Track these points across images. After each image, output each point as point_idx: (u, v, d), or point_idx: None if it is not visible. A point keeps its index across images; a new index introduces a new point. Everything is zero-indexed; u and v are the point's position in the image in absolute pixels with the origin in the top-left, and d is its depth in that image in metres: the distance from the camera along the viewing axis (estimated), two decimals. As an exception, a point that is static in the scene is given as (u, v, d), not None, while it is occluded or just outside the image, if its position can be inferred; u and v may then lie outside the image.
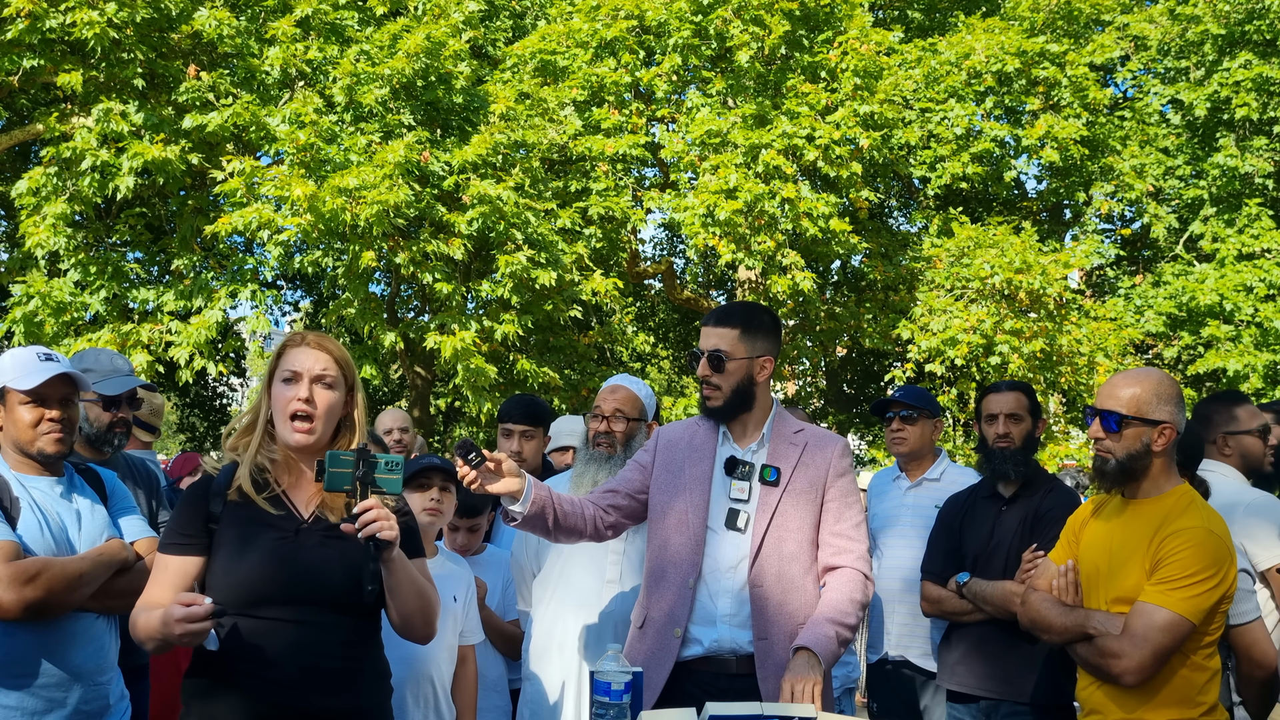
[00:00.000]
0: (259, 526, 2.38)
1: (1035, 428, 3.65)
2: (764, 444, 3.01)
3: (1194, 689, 2.70)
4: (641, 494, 3.08)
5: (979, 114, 13.39)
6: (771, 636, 2.86)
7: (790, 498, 2.94)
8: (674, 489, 3.01)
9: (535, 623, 3.55)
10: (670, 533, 2.98)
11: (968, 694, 3.58)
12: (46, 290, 10.04)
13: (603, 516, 3.02)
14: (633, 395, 3.61)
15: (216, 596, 2.23)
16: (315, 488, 2.43)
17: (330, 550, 2.38)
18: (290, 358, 2.46)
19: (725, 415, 3.02)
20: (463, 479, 2.72)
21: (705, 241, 11.97)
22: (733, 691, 2.80)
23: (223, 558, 2.36)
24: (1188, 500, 2.77)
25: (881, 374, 17.39)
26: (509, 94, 11.90)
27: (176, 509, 2.48)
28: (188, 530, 2.40)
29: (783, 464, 2.97)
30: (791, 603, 2.89)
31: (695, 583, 2.91)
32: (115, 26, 9.83)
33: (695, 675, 2.88)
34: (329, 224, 9.91)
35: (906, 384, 11.84)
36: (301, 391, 2.42)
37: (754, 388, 3.00)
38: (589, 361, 13.64)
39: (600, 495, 3.06)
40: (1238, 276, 13.07)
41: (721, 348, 2.97)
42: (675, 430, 3.14)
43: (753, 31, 12.44)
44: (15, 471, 2.78)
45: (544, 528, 2.90)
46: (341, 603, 2.36)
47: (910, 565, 3.91)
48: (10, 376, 2.78)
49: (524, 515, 2.82)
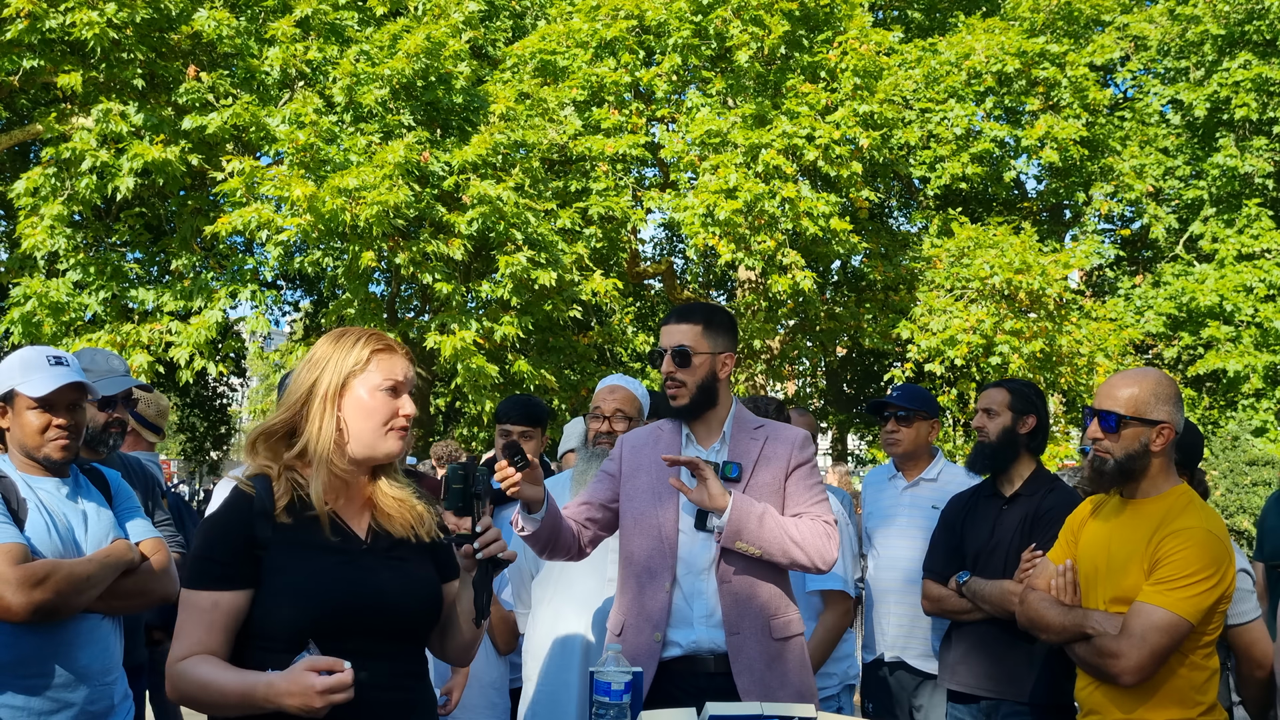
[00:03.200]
0: (318, 551, 2.09)
1: (1017, 424, 3.64)
2: (725, 441, 3.03)
3: (1193, 689, 2.70)
4: (613, 503, 3.08)
5: (979, 114, 13.39)
6: (743, 631, 2.89)
7: (752, 492, 2.95)
8: (643, 495, 3.02)
9: (536, 623, 3.55)
10: (642, 538, 2.99)
11: (968, 694, 3.58)
12: (43, 291, 10.05)
13: (582, 533, 3.02)
14: (631, 395, 3.63)
15: (274, 631, 2.00)
16: (364, 504, 2.21)
17: (395, 573, 2.18)
18: (387, 366, 2.20)
19: (691, 413, 3.02)
20: (502, 479, 2.71)
21: (705, 241, 11.97)
22: (711, 690, 2.81)
23: (282, 588, 2.02)
24: (1186, 500, 2.77)
25: (881, 374, 17.39)
26: (509, 94, 11.90)
27: (209, 535, 2.07)
28: (230, 559, 2.02)
29: (744, 459, 2.99)
30: (760, 596, 2.92)
31: (671, 586, 2.93)
32: (115, 27, 9.83)
33: (673, 675, 2.90)
34: (329, 224, 9.91)
35: (903, 384, 11.85)
36: (408, 406, 2.21)
37: (717, 384, 3.02)
38: (588, 362, 13.64)
39: (575, 510, 3.05)
40: (1238, 277, 13.08)
41: (685, 343, 2.98)
42: (639, 436, 3.14)
43: (752, 31, 12.45)
44: (22, 472, 2.78)
45: (545, 543, 2.91)
46: (408, 629, 2.18)
47: (908, 561, 3.91)
48: (19, 380, 2.77)
49: (536, 528, 2.83)
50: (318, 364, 2.16)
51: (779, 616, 2.95)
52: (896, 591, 3.99)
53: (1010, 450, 3.64)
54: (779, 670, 2.91)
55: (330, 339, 2.21)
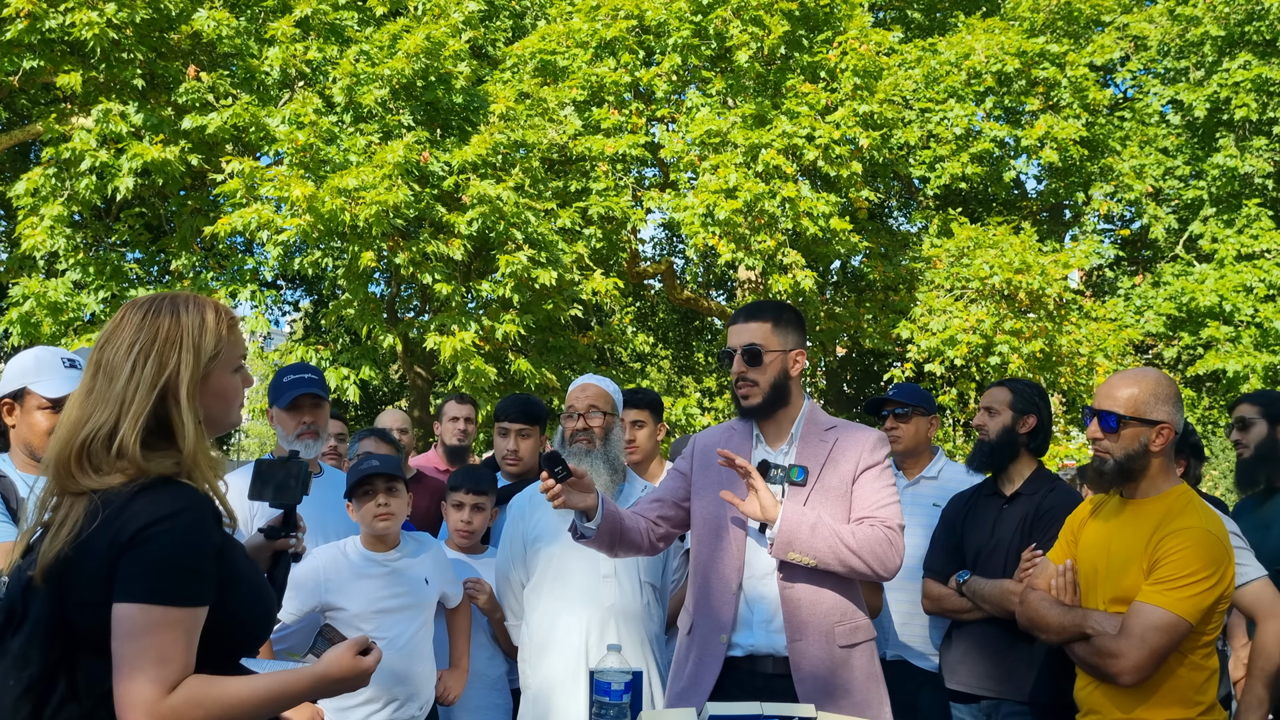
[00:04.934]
0: (242, 554, 1.96)
1: (1018, 424, 3.65)
2: (794, 443, 2.98)
3: (1192, 689, 2.70)
4: (685, 502, 3.06)
5: (979, 114, 13.39)
6: (806, 638, 2.85)
7: (819, 495, 2.90)
8: (712, 495, 2.98)
9: (534, 621, 3.55)
10: (712, 540, 2.96)
11: (969, 693, 3.58)
12: (41, 291, 10.05)
13: (653, 529, 3.01)
14: (603, 391, 3.61)
15: (225, 641, 1.84)
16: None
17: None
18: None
19: (763, 413, 2.97)
20: (545, 490, 2.68)
21: (705, 241, 11.97)
22: (770, 691, 2.80)
23: (237, 596, 1.84)
24: (1186, 500, 2.77)
25: (881, 374, 17.39)
26: (509, 94, 11.90)
27: (194, 544, 1.78)
28: (213, 571, 1.80)
29: (811, 462, 2.93)
30: (824, 603, 2.88)
31: (737, 589, 2.90)
32: (115, 27, 9.83)
33: (735, 673, 2.89)
34: (328, 224, 9.91)
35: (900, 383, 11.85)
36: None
37: (789, 382, 2.97)
38: (589, 361, 13.64)
39: (647, 507, 3.04)
40: (1237, 277, 13.07)
41: (756, 341, 2.92)
42: (711, 436, 3.11)
43: (752, 31, 12.45)
44: (22, 472, 2.77)
45: (609, 544, 2.88)
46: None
47: (910, 555, 3.90)
48: (33, 378, 2.76)
49: (594, 534, 2.80)
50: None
51: (844, 623, 2.90)
52: (896, 589, 3.99)
53: (1010, 449, 3.64)
54: (843, 677, 2.86)
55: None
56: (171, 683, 1.69)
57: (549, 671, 3.44)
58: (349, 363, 10.99)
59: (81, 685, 1.74)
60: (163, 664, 1.69)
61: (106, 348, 1.85)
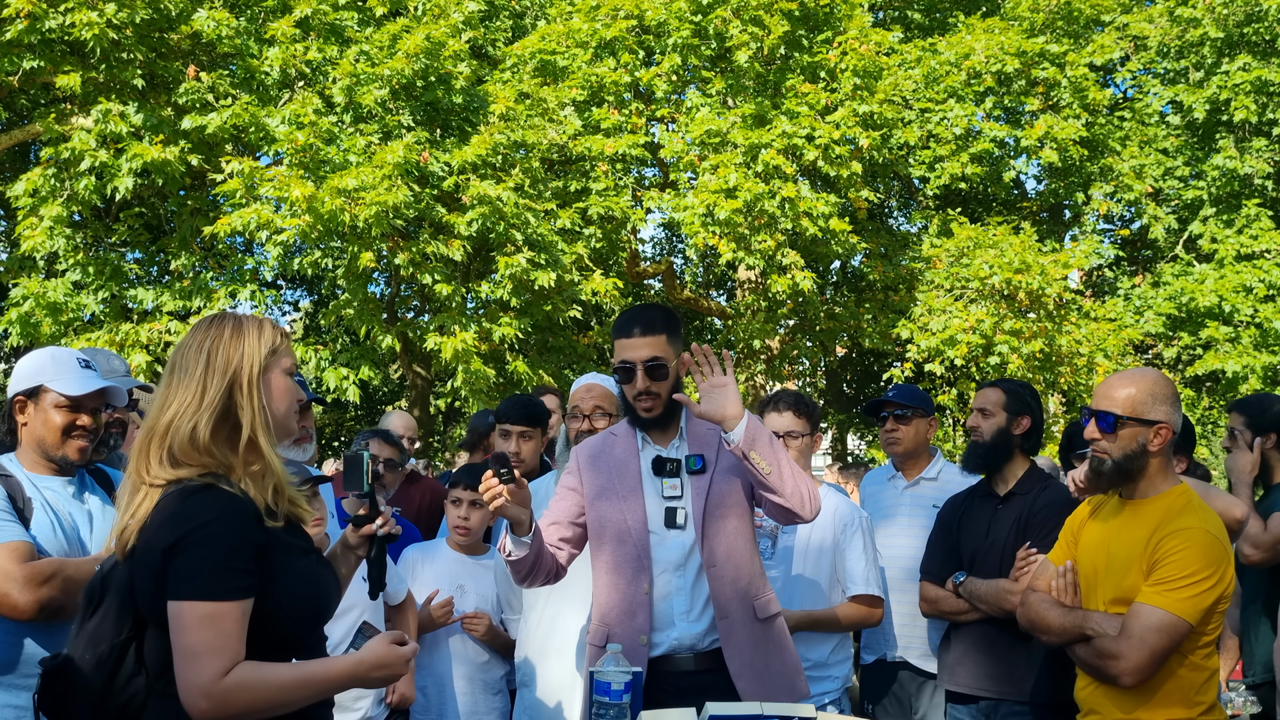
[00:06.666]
0: (299, 554, 2.13)
1: (1011, 425, 3.65)
2: (683, 437, 3.05)
3: (1192, 689, 2.71)
4: (580, 518, 3.07)
5: (978, 114, 13.39)
6: (732, 614, 2.93)
7: (721, 477, 2.98)
8: (608, 503, 3.01)
9: (533, 624, 3.55)
10: (615, 545, 2.99)
11: (968, 694, 3.58)
12: (41, 291, 10.05)
13: (557, 554, 3.01)
14: (608, 391, 3.63)
15: (274, 637, 2.01)
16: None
17: (327, 566, 2.27)
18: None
19: (661, 423, 3.03)
20: (485, 490, 2.70)
21: (705, 241, 11.97)
22: (693, 689, 2.81)
23: (283, 593, 2.03)
24: (1185, 500, 2.77)
25: (881, 374, 17.39)
26: (509, 94, 11.89)
27: (227, 543, 1.96)
28: (251, 567, 1.98)
29: (705, 450, 3.01)
30: (744, 577, 2.96)
31: (649, 588, 2.93)
32: (115, 27, 9.82)
33: (654, 675, 2.91)
34: (328, 225, 9.91)
35: (898, 384, 11.84)
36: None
37: (682, 388, 3.04)
38: (588, 362, 13.63)
39: (545, 531, 3.02)
40: (1237, 277, 13.07)
41: (659, 355, 2.97)
42: (593, 446, 3.15)
43: (752, 31, 12.44)
44: (28, 471, 2.78)
45: (527, 569, 2.89)
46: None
47: (910, 556, 3.91)
48: (50, 376, 2.78)
49: (525, 553, 2.82)
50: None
51: (760, 597, 2.99)
52: (897, 590, 4.00)
53: (1004, 450, 3.65)
54: (763, 650, 2.95)
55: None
56: (223, 669, 1.89)
57: (548, 673, 3.44)
58: (348, 363, 10.99)
59: (149, 658, 1.99)
60: (214, 653, 1.89)
61: (179, 352, 2.12)
